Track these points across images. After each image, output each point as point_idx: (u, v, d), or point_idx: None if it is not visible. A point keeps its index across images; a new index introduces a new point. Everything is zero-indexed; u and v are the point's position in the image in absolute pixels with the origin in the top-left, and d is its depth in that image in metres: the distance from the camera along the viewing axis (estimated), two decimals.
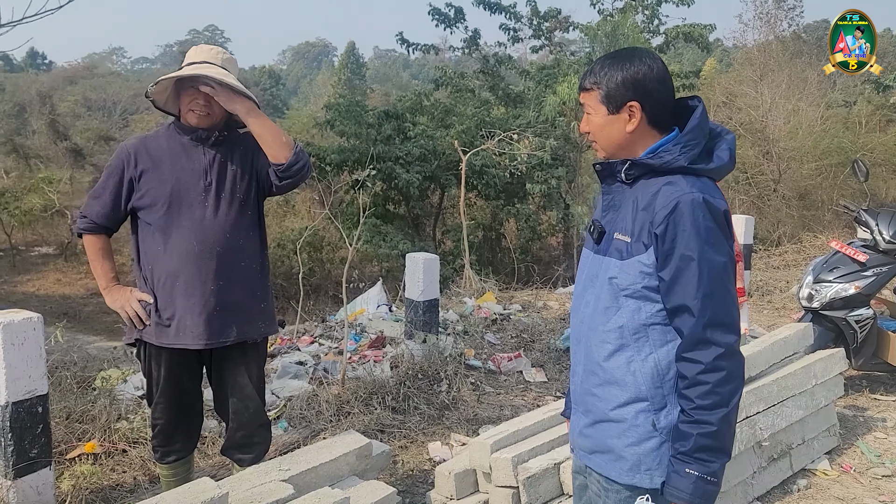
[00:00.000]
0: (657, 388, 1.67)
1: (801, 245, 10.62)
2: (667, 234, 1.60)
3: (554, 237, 15.33)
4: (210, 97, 2.60)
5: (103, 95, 34.96)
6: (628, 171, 1.70)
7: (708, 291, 1.58)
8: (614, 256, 1.70)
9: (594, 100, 1.72)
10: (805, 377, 3.67)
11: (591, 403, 1.77)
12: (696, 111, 1.70)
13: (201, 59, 2.65)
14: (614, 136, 1.72)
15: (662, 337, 1.67)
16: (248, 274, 2.70)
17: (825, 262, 4.62)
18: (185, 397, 2.79)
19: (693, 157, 1.66)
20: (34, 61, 57.29)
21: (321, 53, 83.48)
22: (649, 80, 1.68)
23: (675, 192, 1.62)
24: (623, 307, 1.69)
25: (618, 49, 1.79)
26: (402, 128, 12.54)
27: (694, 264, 1.58)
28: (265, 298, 2.78)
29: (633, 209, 1.68)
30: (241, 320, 2.67)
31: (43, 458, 2.84)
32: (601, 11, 13.88)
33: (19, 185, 18.43)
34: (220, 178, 2.65)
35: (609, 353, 1.71)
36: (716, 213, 1.61)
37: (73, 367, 4.64)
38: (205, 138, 2.66)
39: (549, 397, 4.77)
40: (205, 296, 2.60)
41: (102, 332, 12.10)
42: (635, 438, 1.69)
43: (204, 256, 2.60)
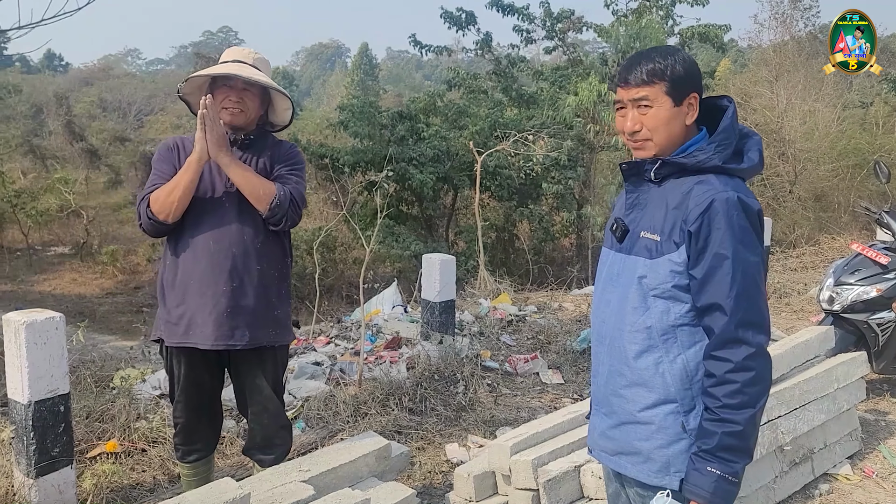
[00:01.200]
0: (686, 389, 1.67)
1: (818, 247, 10.53)
2: (700, 232, 1.60)
3: (567, 238, 15.29)
4: (243, 95, 2.61)
5: (118, 96, 35.26)
6: (658, 171, 1.69)
7: (741, 290, 1.58)
8: (642, 255, 1.69)
9: (658, 93, 1.68)
10: (827, 381, 3.63)
11: (617, 405, 1.76)
12: (728, 110, 1.70)
13: (233, 59, 2.68)
14: (676, 129, 1.70)
15: (691, 338, 1.66)
16: (263, 279, 2.67)
17: (846, 265, 4.57)
18: (204, 397, 2.79)
19: (726, 157, 1.66)
20: (51, 63, 57.83)
21: (334, 54, 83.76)
22: (699, 74, 1.71)
23: (709, 191, 1.61)
24: (651, 308, 1.68)
25: (650, 48, 1.78)
26: (415, 129, 12.56)
27: (728, 262, 1.58)
28: (280, 306, 2.74)
29: (664, 208, 1.67)
30: (253, 325, 2.64)
31: (64, 456, 2.85)
32: (615, 12, 13.84)
33: (36, 185, 18.61)
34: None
35: (637, 353, 1.70)
36: (750, 212, 1.61)
37: (91, 366, 4.67)
38: (233, 141, 2.66)
39: (566, 399, 4.74)
40: (216, 296, 2.59)
41: (118, 331, 12.19)
42: (664, 440, 1.68)
43: (219, 257, 2.59)
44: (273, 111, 2.80)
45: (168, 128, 27.97)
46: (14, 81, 29.73)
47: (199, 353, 2.66)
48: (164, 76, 52.67)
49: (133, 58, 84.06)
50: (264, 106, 2.75)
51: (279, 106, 2.78)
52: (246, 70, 2.61)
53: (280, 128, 2.84)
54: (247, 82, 2.61)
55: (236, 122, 2.64)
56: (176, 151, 2.68)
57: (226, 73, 2.59)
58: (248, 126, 2.69)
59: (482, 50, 13.99)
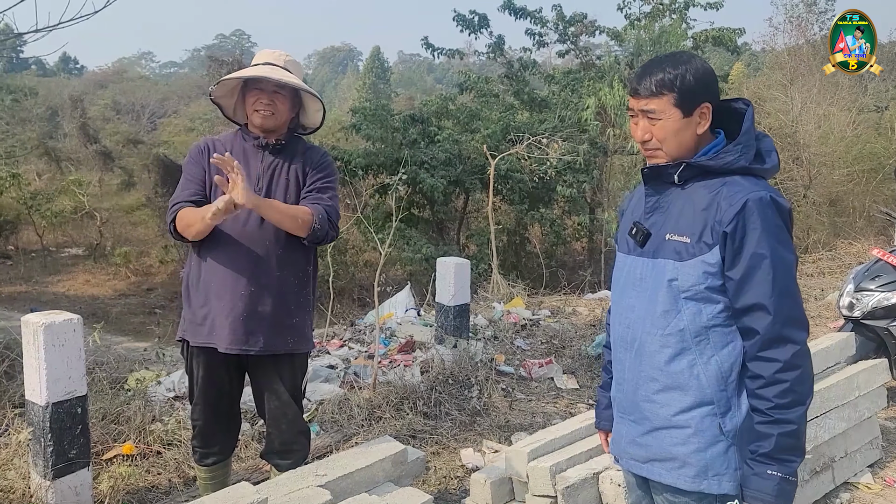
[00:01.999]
0: (721, 390, 1.65)
1: (835, 252, 10.44)
2: (736, 233, 1.59)
3: (579, 242, 15.25)
4: (273, 97, 2.62)
5: (132, 99, 35.53)
6: (682, 174, 1.68)
7: (783, 289, 1.58)
8: (671, 258, 1.67)
9: (666, 104, 1.67)
10: (848, 388, 3.59)
11: (650, 410, 1.73)
12: (747, 113, 1.70)
13: (265, 62, 2.68)
14: (686, 140, 1.70)
15: (723, 339, 1.65)
16: (283, 286, 2.64)
17: (866, 271, 4.52)
18: (223, 399, 2.79)
19: (750, 158, 1.66)
20: (66, 66, 58.28)
21: (346, 58, 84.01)
22: (713, 81, 1.69)
23: (741, 191, 1.61)
24: (683, 310, 1.66)
25: (663, 53, 1.77)
26: (427, 132, 12.56)
27: (767, 262, 1.57)
28: (299, 314, 2.70)
29: (691, 210, 1.66)
30: (269, 331, 2.62)
31: (82, 458, 2.85)
32: (628, 16, 13.81)
33: (51, 187, 18.74)
34: (270, 186, 2.65)
35: (670, 357, 1.68)
36: (783, 211, 1.61)
37: (105, 367, 4.68)
38: (264, 145, 2.66)
39: (581, 405, 4.71)
40: (234, 300, 2.57)
41: (130, 332, 12.24)
42: (702, 444, 1.66)
43: (240, 261, 2.58)
44: (304, 113, 2.79)
45: (181, 130, 28.12)
46: (30, 84, 29.96)
47: (219, 356, 2.64)
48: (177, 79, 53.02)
49: (147, 61, 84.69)
50: (295, 108, 2.74)
51: (310, 108, 2.77)
52: (277, 72, 2.61)
53: (311, 130, 2.84)
54: (277, 84, 2.61)
55: (267, 124, 2.64)
56: (206, 153, 2.67)
57: (256, 75, 2.60)
58: (279, 128, 2.69)
59: (494, 53, 13.99)
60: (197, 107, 31.86)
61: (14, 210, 17.17)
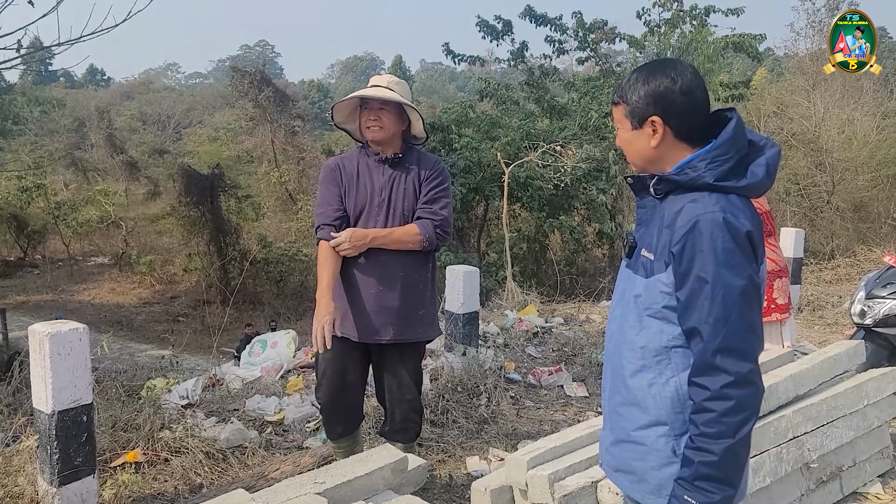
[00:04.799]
0: (678, 413, 1.62)
1: (855, 259, 10.28)
2: (684, 254, 1.55)
3: (599, 249, 15.18)
4: (379, 114, 2.99)
5: (158, 110, 36.09)
6: (657, 186, 1.65)
7: (720, 316, 1.51)
8: (640, 274, 1.66)
9: (621, 114, 1.69)
10: (856, 397, 3.54)
11: (616, 422, 1.75)
12: (728, 124, 1.62)
13: (373, 84, 3.10)
14: (640, 151, 1.69)
15: (685, 361, 1.61)
16: (407, 282, 3.03)
17: (878, 278, 4.46)
18: (346, 384, 3.13)
19: (722, 174, 1.58)
20: (93, 77, 59.38)
21: (369, 67, 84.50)
22: (672, 94, 1.62)
23: (695, 211, 1.56)
24: (646, 327, 1.64)
25: (650, 61, 1.75)
26: (447, 140, 12.60)
27: (708, 287, 1.52)
28: (424, 306, 3.10)
29: (659, 226, 1.63)
30: (399, 323, 3.02)
31: (87, 466, 2.90)
32: (647, 23, 13.76)
33: (77, 196, 19.08)
34: (392, 196, 3.04)
35: (632, 372, 1.68)
36: (736, 233, 1.53)
37: (121, 375, 4.76)
38: (384, 159, 3.05)
39: (589, 413, 4.70)
40: (366, 297, 3.00)
41: (154, 340, 12.43)
42: (656, 462, 1.65)
43: (370, 264, 3.00)
44: (413, 126, 3.14)
45: (205, 140, 28.49)
46: (58, 96, 30.60)
47: (349, 345, 3.04)
48: (202, 90, 53.72)
49: (172, 72, 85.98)
50: (403, 122, 3.09)
51: (415, 121, 3.11)
52: (380, 91, 3.00)
53: (422, 140, 3.20)
54: (382, 101, 2.99)
55: (377, 137, 3.02)
56: (338, 171, 3.08)
57: (363, 95, 3.01)
58: (391, 140, 3.05)
59: (515, 60, 14.00)
60: (221, 117, 32.23)
61: (41, 220, 17.52)
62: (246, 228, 17.38)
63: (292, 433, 4.14)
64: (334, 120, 3.18)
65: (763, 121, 14.71)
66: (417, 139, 3.18)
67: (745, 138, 1.64)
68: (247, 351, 5.69)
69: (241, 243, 16.39)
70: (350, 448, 3.28)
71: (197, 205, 15.90)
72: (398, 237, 3.00)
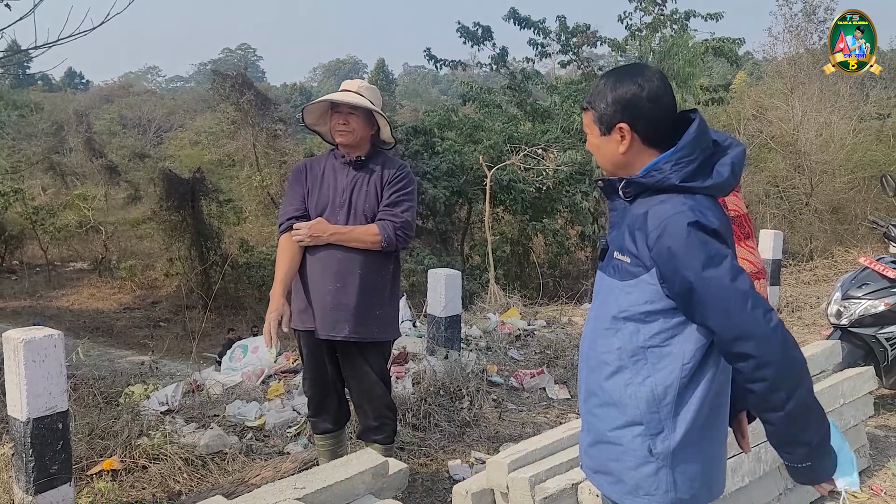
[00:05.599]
0: (653, 412, 1.63)
1: (832, 260, 10.40)
2: (661, 258, 1.57)
3: (582, 251, 15.25)
4: (348, 118, 3.06)
5: (138, 113, 35.76)
6: (625, 190, 1.67)
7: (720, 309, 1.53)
8: (615, 277, 1.67)
9: (590, 120, 1.71)
10: (832, 396, 3.58)
11: (592, 423, 1.76)
12: (691, 126, 1.64)
13: (343, 89, 3.18)
14: (609, 156, 1.71)
15: (660, 360, 1.63)
16: (366, 281, 3.07)
17: (854, 279, 4.51)
18: (326, 376, 3.22)
19: (687, 174, 1.60)
20: (72, 81, 58.82)
21: (351, 70, 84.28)
22: (639, 101, 1.64)
23: (664, 213, 1.57)
24: (621, 329, 1.66)
25: (618, 66, 1.77)
26: (430, 143, 12.60)
27: (695, 286, 1.54)
28: (382, 306, 3.13)
29: (630, 228, 1.65)
30: (354, 321, 3.06)
31: (63, 474, 2.87)
32: (629, 27, 13.85)
33: (55, 201, 18.86)
34: (353, 197, 3.10)
35: (608, 374, 1.69)
36: (707, 230, 1.56)
37: (100, 382, 4.71)
38: (348, 161, 3.12)
39: (571, 415, 4.71)
40: (324, 294, 3.04)
41: (134, 346, 12.28)
42: (633, 462, 1.66)
43: (326, 263, 3.05)
44: (382, 132, 3.20)
45: (187, 144, 28.28)
46: (36, 100, 30.23)
47: (315, 338, 3.12)
48: (183, 93, 53.37)
49: (153, 75, 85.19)
50: (372, 127, 3.15)
51: (383, 126, 3.18)
52: (350, 97, 3.06)
53: (390, 145, 3.28)
54: (351, 106, 3.05)
55: (345, 140, 3.09)
56: (304, 172, 3.18)
57: (332, 99, 3.09)
58: (359, 144, 3.12)
59: (497, 64, 14.04)
60: (203, 120, 32.02)
61: (18, 225, 17.31)
62: (227, 233, 17.26)
63: (273, 438, 4.12)
64: (305, 122, 3.27)
65: (743, 124, 14.85)
66: (386, 144, 3.25)
67: (708, 138, 1.65)
68: (227, 356, 5.65)
69: (223, 247, 16.28)
70: (334, 449, 3.35)
71: (178, 209, 15.77)
72: (357, 235, 3.05)
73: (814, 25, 17.20)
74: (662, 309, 1.61)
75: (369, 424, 3.26)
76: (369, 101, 3.08)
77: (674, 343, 1.62)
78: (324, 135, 3.29)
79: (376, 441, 3.26)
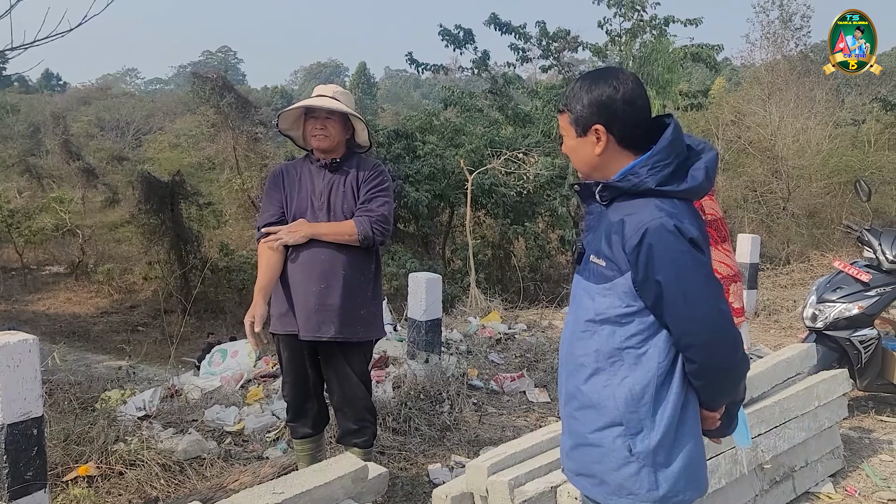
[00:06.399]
0: (632, 412, 1.66)
1: (809, 264, 10.54)
2: (639, 262, 1.59)
3: (563, 255, 15.32)
4: (325, 123, 3.09)
5: (116, 116, 35.39)
6: (602, 193, 1.69)
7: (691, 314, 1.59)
8: (591, 280, 1.69)
9: (566, 122, 1.73)
10: (808, 398, 3.63)
11: (573, 426, 1.77)
12: (666, 130, 1.66)
13: (318, 94, 3.20)
14: (585, 158, 1.72)
15: (636, 361, 1.66)
16: (350, 281, 3.09)
17: (829, 282, 4.58)
18: (306, 380, 3.22)
19: (663, 178, 1.63)
20: (49, 83, 58.13)
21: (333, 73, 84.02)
22: (615, 103, 1.66)
23: (642, 219, 1.60)
24: (598, 331, 1.68)
25: (593, 70, 1.79)
26: (411, 147, 12.60)
27: (670, 290, 1.58)
28: (365, 306, 3.16)
29: (607, 232, 1.67)
30: (340, 321, 3.07)
31: (38, 480, 2.83)
32: (609, 32, 13.94)
33: (31, 204, 18.62)
34: (331, 198, 3.13)
35: (587, 376, 1.71)
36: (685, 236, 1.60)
37: (76, 387, 4.65)
38: (324, 164, 3.15)
39: (551, 418, 4.73)
40: (307, 295, 3.05)
41: (111, 350, 12.12)
42: (614, 463, 1.68)
43: (309, 263, 3.07)
44: (357, 135, 3.23)
45: (166, 147, 28.04)
46: (12, 101, 29.85)
47: (298, 341, 3.11)
48: (162, 95, 52.89)
49: (132, 77, 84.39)
50: (348, 130, 3.18)
51: (360, 130, 3.21)
52: (326, 101, 3.09)
53: (365, 148, 3.29)
54: (328, 111, 3.08)
55: (322, 145, 3.11)
56: (281, 177, 3.20)
57: (309, 105, 3.11)
58: (336, 148, 3.15)
59: (479, 69, 14.07)
60: (182, 123, 31.73)
61: None
62: (207, 236, 17.12)
63: (252, 443, 4.09)
64: (279, 127, 3.28)
65: (721, 129, 15.01)
66: (362, 147, 3.28)
67: (683, 143, 1.68)
68: (207, 360, 5.60)
69: (203, 251, 16.15)
70: (313, 453, 3.34)
71: (157, 212, 15.62)
72: (334, 230, 3.08)
73: (790, 32, 17.46)
74: (638, 311, 1.64)
75: (349, 428, 3.26)
76: (345, 106, 3.11)
77: (649, 344, 1.65)
78: (296, 139, 3.31)
79: (356, 445, 3.26)
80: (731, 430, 1.87)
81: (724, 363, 1.64)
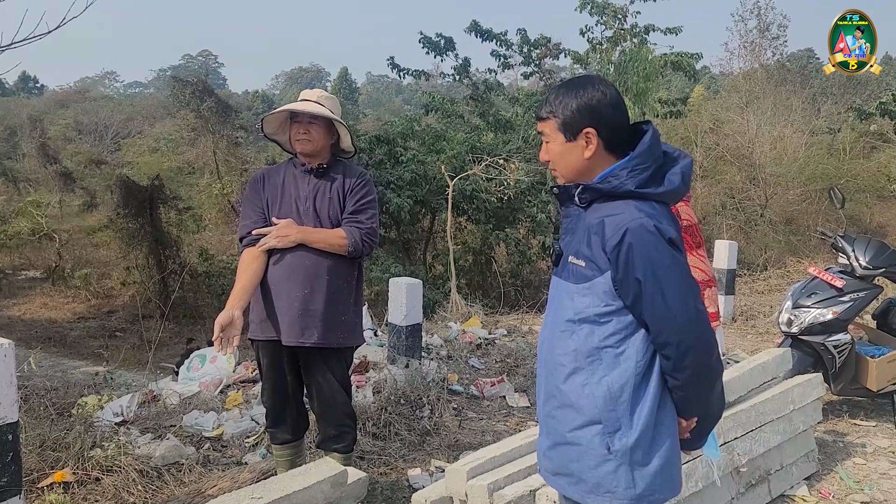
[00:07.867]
0: (610, 410, 1.69)
1: (785, 270, 10.69)
2: (619, 261, 1.63)
3: (544, 261, 15.39)
4: (309, 127, 3.08)
5: (95, 119, 35.03)
6: (581, 196, 1.72)
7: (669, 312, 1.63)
8: (570, 280, 1.72)
9: (552, 128, 1.75)
10: (783, 402, 3.67)
11: (551, 426, 1.79)
12: (645, 136, 1.71)
13: (303, 99, 3.19)
14: (573, 162, 1.75)
15: (615, 360, 1.69)
16: (333, 287, 3.08)
17: (804, 288, 4.65)
18: (285, 386, 3.20)
19: (642, 181, 1.67)
20: (26, 85, 57.49)
21: (314, 78, 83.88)
22: (604, 106, 1.71)
23: (623, 220, 1.64)
24: (577, 331, 1.71)
25: (571, 77, 1.82)
26: (393, 152, 12.60)
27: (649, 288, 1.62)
28: (347, 312, 3.14)
29: (587, 234, 1.70)
30: (322, 327, 3.05)
31: (13, 486, 2.79)
32: (590, 40, 14.05)
33: (7, 208, 18.38)
34: (316, 204, 3.11)
35: (566, 375, 1.73)
36: (665, 236, 1.64)
37: (52, 393, 4.60)
38: (309, 170, 3.13)
39: (531, 422, 4.75)
40: (290, 301, 3.02)
41: (88, 356, 11.99)
42: (592, 462, 1.70)
43: (294, 268, 3.04)
44: (342, 140, 3.22)
45: (146, 151, 27.83)
46: None
47: (279, 347, 3.10)
48: (142, 99, 52.49)
49: (110, 80, 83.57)
50: (332, 136, 3.17)
51: (344, 135, 3.20)
52: (310, 106, 3.09)
53: (350, 154, 3.29)
54: (312, 116, 3.08)
55: (306, 149, 3.10)
56: (261, 183, 3.18)
57: (292, 109, 3.11)
58: (319, 152, 3.13)
59: (460, 75, 14.12)
60: (162, 127, 31.50)
61: None
62: (187, 241, 17.02)
63: (231, 449, 4.07)
64: (264, 131, 3.27)
65: (700, 137, 15.17)
66: (346, 153, 3.28)
67: (660, 148, 1.74)
68: (185, 365, 5.57)
69: (182, 256, 16.04)
70: (293, 459, 3.33)
71: (136, 217, 15.50)
72: (325, 237, 3.06)
73: (767, 42, 17.70)
74: (616, 310, 1.68)
75: (329, 433, 3.25)
76: (329, 111, 3.11)
77: (627, 343, 1.69)
78: (283, 144, 3.30)
79: (336, 450, 3.25)
80: (701, 444, 1.89)
81: (698, 361, 1.66)
